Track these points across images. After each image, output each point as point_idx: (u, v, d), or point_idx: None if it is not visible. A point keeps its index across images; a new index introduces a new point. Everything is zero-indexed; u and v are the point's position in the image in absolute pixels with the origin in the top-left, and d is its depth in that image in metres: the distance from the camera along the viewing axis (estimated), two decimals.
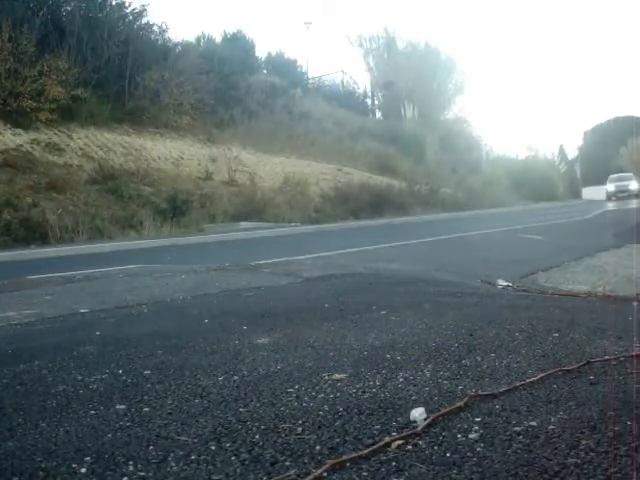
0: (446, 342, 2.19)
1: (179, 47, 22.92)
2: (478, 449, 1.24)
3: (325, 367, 1.93)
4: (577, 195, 44.46)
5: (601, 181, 48.21)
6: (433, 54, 35.20)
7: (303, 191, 19.60)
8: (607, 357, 1.87)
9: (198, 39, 26.99)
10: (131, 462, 1.26)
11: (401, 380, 1.75)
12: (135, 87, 18.98)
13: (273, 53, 31.16)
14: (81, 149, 16.47)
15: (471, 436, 1.31)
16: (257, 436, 1.37)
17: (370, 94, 36.30)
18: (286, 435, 1.37)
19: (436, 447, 1.26)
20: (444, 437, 1.31)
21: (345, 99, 31.65)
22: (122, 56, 18.69)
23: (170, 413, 1.56)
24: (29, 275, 5.88)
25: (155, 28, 21.56)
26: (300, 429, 1.40)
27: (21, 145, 15.06)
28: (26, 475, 1.22)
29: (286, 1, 73.78)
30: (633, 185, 31.69)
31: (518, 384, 1.64)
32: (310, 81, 32.29)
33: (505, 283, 4.18)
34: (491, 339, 2.22)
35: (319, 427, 1.41)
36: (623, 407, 1.43)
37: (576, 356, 1.92)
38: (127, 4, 20.17)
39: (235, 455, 1.27)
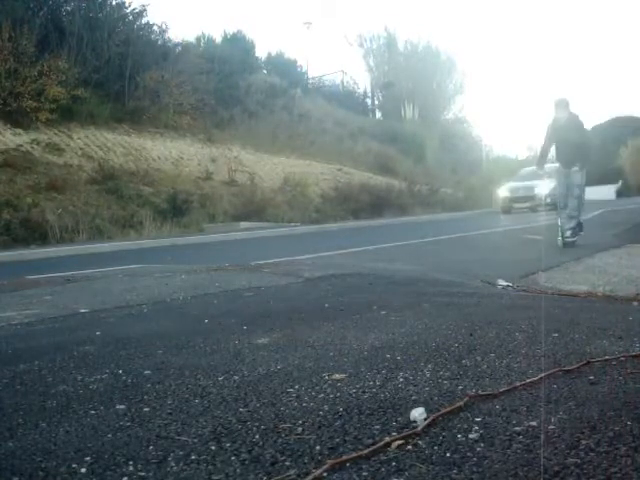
0: (446, 342, 2.19)
1: (179, 47, 22.92)
2: (478, 449, 1.24)
3: (325, 367, 1.93)
4: None
5: (601, 181, 48.11)
6: (433, 54, 35.19)
7: (303, 191, 19.62)
8: (607, 357, 1.87)
9: (198, 39, 27.01)
10: (131, 462, 1.26)
11: (401, 380, 1.75)
12: (135, 87, 18.98)
13: (273, 53, 31.20)
14: (81, 149, 16.47)
15: (471, 436, 1.31)
16: (257, 436, 1.37)
17: (370, 94, 36.32)
18: (286, 435, 1.37)
19: (436, 447, 1.26)
20: (444, 437, 1.31)
21: (345, 99, 31.64)
22: (122, 56, 18.69)
23: (170, 413, 1.56)
24: (29, 275, 5.88)
25: (155, 28, 21.59)
26: (300, 429, 1.40)
27: (21, 145, 15.07)
28: (26, 475, 1.22)
29: (286, 1, 73.76)
30: (541, 188, 16.78)
31: (518, 384, 1.64)
32: (310, 81, 32.28)
33: (505, 283, 4.18)
34: (491, 339, 2.22)
35: (319, 427, 1.41)
36: (623, 407, 1.43)
37: (576, 356, 1.92)
38: (127, 4, 20.20)
39: (235, 455, 1.27)
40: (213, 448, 1.31)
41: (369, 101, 36.48)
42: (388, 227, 14.49)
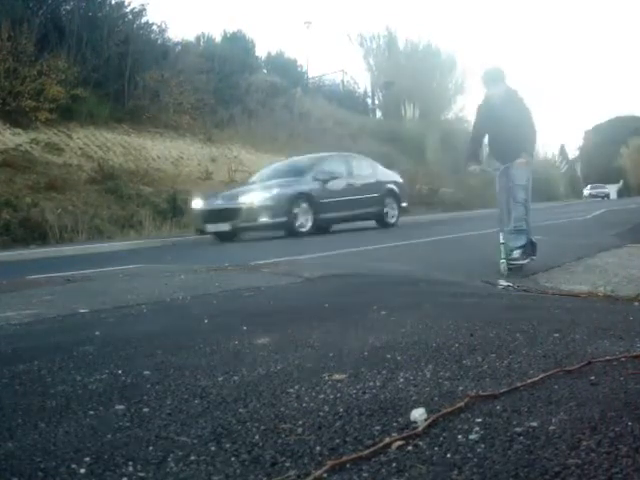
0: (446, 342, 2.19)
1: (179, 46, 22.90)
2: (479, 450, 1.23)
3: (325, 367, 1.93)
4: (578, 195, 44.56)
5: (601, 181, 48.22)
6: (433, 53, 35.15)
7: None
8: (608, 357, 1.86)
9: (198, 38, 26.96)
10: (130, 463, 1.25)
11: (401, 380, 1.74)
12: (135, 86, 18.96)
13: (273, 53, 31.14)
14: (80, 149, 16.45)
15: (472, 437, 1.30)
16: (257, 437, 1.36)
17: (370, 94, 36.28)
18: (286, 436, 1.36)
19: (436, 448, 1.26)
20: (445, 438, 1.31)
21: (345, 99, 31.61)
22: (122, 55, 18.67)
23: (170, 414, 1.56)
24: (29, 275, 5.87)
25: (155, 27, 21.56)
26: (300, 430, 1.40)
27: (20, 145, 15.04)
28: (25, 475, 1.22)
29: (286, 1, 73.88)
30: (252, 196, 10.89)
31: (519, 384, 1.63)
32: (310, 81, 32.23)
33: (506, 283, 4.18)
34: (491, 339, 2.21)
35: (319, 428, 1.40)
36: (624, 408, 1.43)
37: (577, 356, 1.91)
38: (127, 3, 20.15)
39: (235, 456, 1.27)
40: (213, 449, 1.31)
41: (369, 101, 36.44)
42: (388, 227, 14.45)
